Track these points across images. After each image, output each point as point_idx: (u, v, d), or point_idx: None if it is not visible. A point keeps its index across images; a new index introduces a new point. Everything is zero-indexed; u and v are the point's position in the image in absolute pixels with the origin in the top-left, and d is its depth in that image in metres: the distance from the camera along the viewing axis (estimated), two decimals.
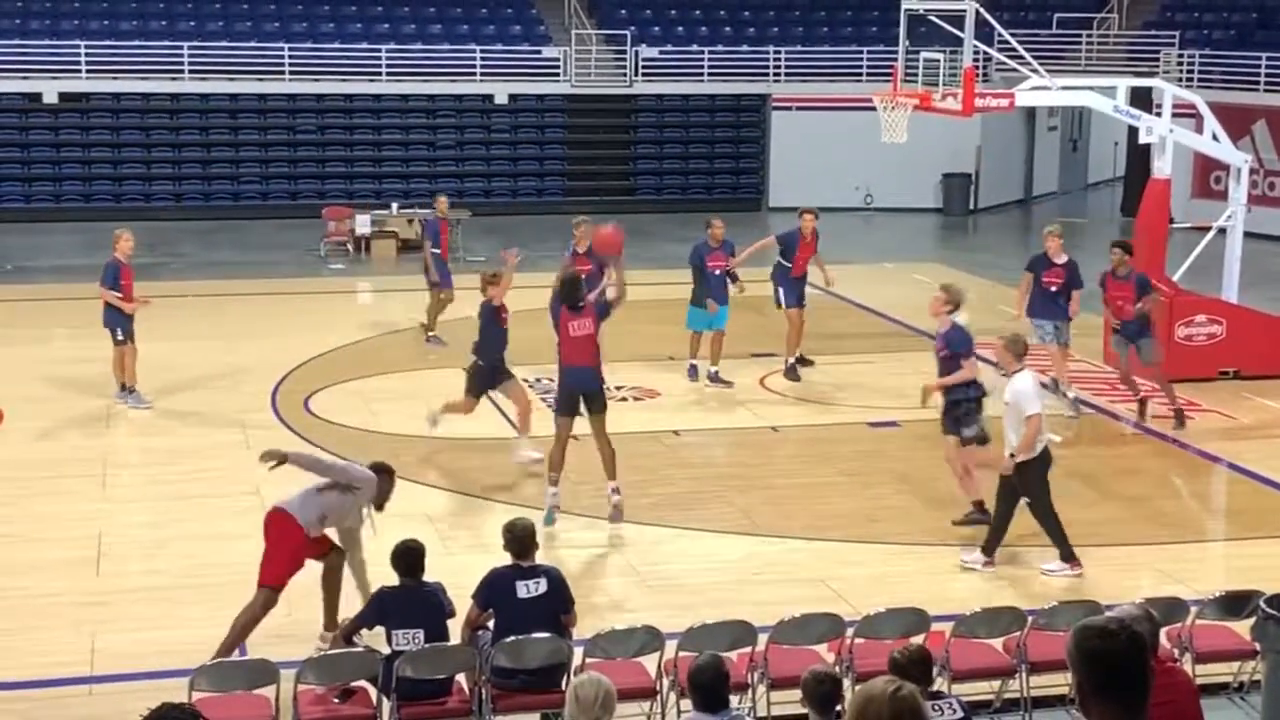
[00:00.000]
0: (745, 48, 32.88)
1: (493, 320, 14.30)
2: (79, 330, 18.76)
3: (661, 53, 32.32)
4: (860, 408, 16.62)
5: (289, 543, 9.68)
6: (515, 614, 8.74)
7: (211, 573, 11.43)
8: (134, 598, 10.95)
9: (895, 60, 19.95)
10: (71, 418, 15.73)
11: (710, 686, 6.89)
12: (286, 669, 8.43)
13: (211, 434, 15.15)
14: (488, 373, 14.30)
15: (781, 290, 17.68)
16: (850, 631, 9.06)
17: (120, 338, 16.11)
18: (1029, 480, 11.46)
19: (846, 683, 7.63)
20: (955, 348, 12.68)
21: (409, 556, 8.88)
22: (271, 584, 9.61)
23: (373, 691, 8.61)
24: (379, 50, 30.77)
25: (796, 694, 7.48)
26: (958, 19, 18.26)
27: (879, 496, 13.66)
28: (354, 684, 8.64)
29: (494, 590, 8.84)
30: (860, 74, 31.27)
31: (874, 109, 19.54)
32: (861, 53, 31.71)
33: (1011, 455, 11.39)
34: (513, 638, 8.59)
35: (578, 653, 8.74)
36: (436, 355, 18.27)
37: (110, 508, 12.96)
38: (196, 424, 15.55)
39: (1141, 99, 19.81)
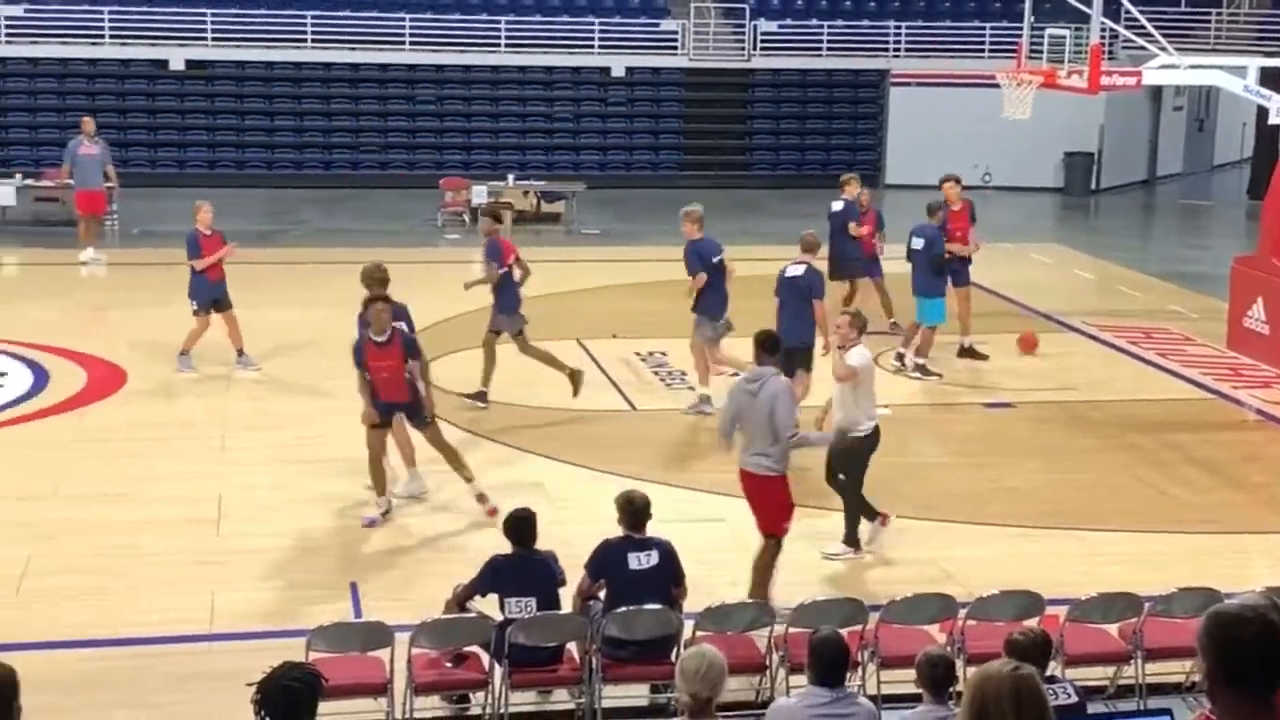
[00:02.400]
0: (865, 22, 32.61)
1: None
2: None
3: (780, 26, 32.15)
4: (975, 388, 16.46)
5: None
6: (626, 585, 8.78)
7: (323, 536, 11.64)
8: (253, 558, 11.15)
9: (1019, 36, 19.68)
10: (192, 381, 16.03)
11: (832, 661, 6.90)
12: (401, 632, 8.55)
13: (324, 400, 15.32)
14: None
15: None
16: (962, 613, 9.00)
17: (196, 308, 16.24)
18: (854, 455, 11.26)
19: (959, 664, 7.57)
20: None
21: (521, 525, 8.95)
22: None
23: (485, 657, 8.70)
24: (498, 21, 30.92)
25: (907, 673, 7.47)
26: None
27: (992, 478, 13.54)
28: (466, 649, 8.74)
29: (606, 561, 8.89)
30: (983, 50, 30.86)
31: (994, 86, 19.31)
32: (984, 28, 31.31)
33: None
34: (623, 608, 8.63)
35: (688, 625, 8.77)
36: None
37: (228, 470, 13.20)
38: (311, 390, 15.76)
39: (1272, 79, 19.37)
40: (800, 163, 32.69)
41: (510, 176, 27.52)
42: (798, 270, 14.27)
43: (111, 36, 29.52)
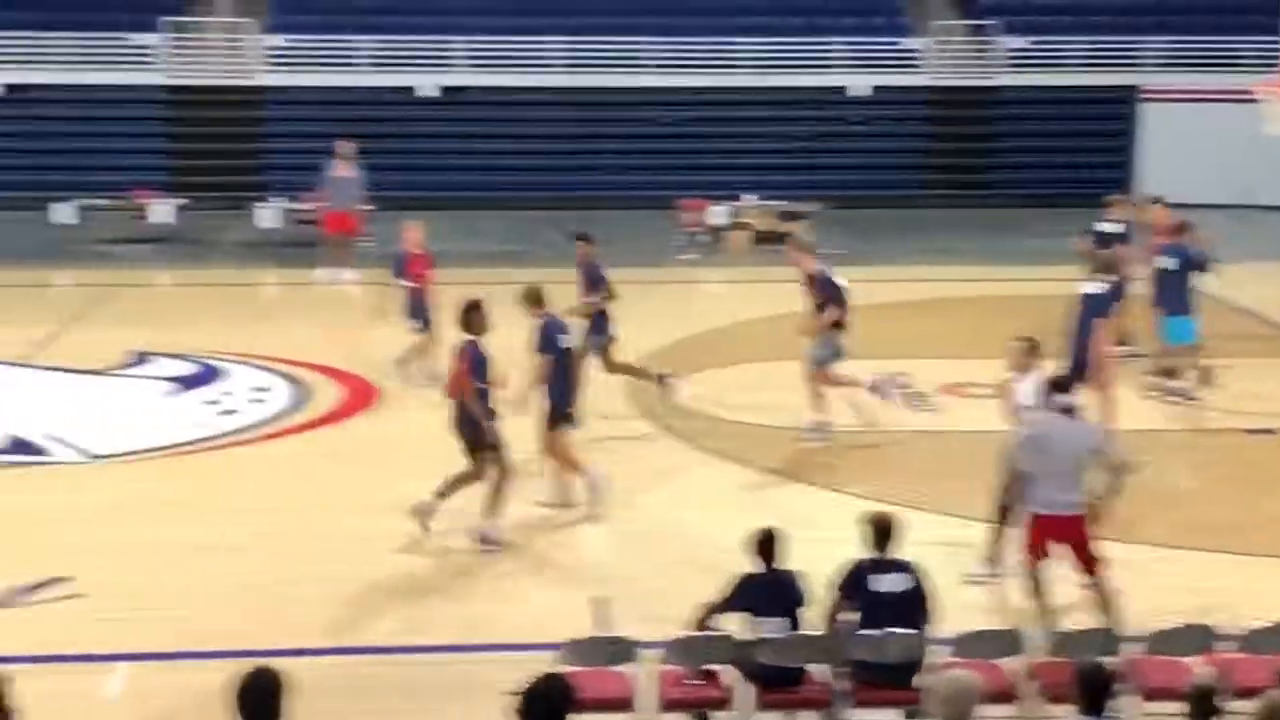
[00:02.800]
0: (1115, 37, 31.78)
1: None
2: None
3: (1028, 43, 31.57)
4: (1234, 413, 15.87)
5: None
6: (875, 607, 8.69)
7: (560, 553, 11.85)
8: (500, 573, 11.35)
9: (1278, 49, 18.99)
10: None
11: (1102, 689, 6.72)
12: (647, 649, 8.60)
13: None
14: None
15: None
16: (1227, 645, 8.66)
17: (418, 326, 16.58)
18: None
19: (1226, 697, 7.29)
20: None
21: (769, 543, 8.93)
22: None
23: (729, 676, 8.70)
24: (739, 43, 31.04)
25: (1168, 705, 7.24)
26: None
27: (1252, 506, 13.03)
28: (713, 667, 8.75)
29: (854, 582, 8.81)
30: (1239, 64, 29.81)
31: (1255, 101, 18.64)
32: (1241, 42, 30.24)
33: None
34: (872, 631, 8.54)
35: (938, 650, 8.62)
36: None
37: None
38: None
39: None
40: (1045, 181, 31.98)
41: (748, 196, 27.55)
42: (1099, 288, 14.14)
43: (369, 64, 30.52)
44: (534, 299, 12.73)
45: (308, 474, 13.85)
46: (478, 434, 11.84)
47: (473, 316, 12.01)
